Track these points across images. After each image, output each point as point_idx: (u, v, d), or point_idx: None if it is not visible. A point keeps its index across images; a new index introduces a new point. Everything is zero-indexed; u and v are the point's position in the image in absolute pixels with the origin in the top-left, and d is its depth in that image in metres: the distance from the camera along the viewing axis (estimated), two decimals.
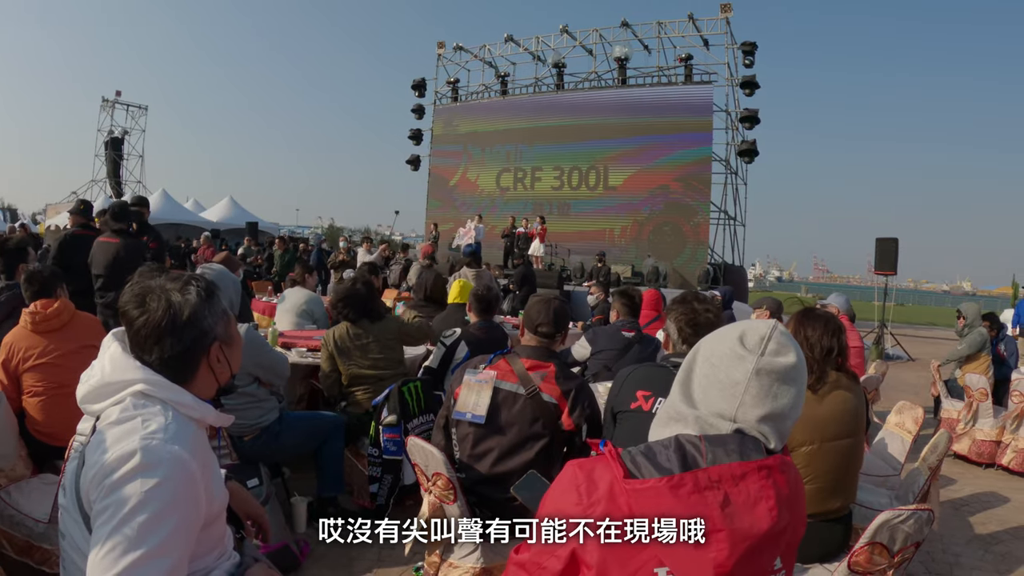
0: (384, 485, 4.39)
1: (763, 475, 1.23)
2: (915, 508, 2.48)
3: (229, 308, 1.86)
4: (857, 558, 2.51)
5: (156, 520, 1.48)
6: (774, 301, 6.06)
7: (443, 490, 2.90)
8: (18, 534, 3.20)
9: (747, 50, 21.32)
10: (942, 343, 18.47)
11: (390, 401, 4.38)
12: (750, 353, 1.33)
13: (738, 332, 1.37)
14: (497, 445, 3.12)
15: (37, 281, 4.05)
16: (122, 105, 41.71)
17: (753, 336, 1.35)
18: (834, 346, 3.13)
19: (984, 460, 6.86)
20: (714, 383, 1.34)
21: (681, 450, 1.27)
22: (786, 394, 1.34)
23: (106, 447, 1.54)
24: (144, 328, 1.69)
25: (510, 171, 25.53)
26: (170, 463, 1.53)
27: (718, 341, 1.39)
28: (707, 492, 1.19)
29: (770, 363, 1.32)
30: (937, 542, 4.78)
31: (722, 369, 1.34)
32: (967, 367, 7.57)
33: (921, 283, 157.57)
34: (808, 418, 2.99)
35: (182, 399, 1.69)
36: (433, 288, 6.36)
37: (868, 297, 26.67)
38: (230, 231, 30.65)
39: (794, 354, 1.36)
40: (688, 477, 1.20)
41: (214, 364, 1.79)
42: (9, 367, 3.86)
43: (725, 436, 1.30)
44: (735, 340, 1.35)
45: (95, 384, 1.69)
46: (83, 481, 1.57)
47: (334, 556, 4.06)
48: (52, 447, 3.83)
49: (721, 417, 1.32)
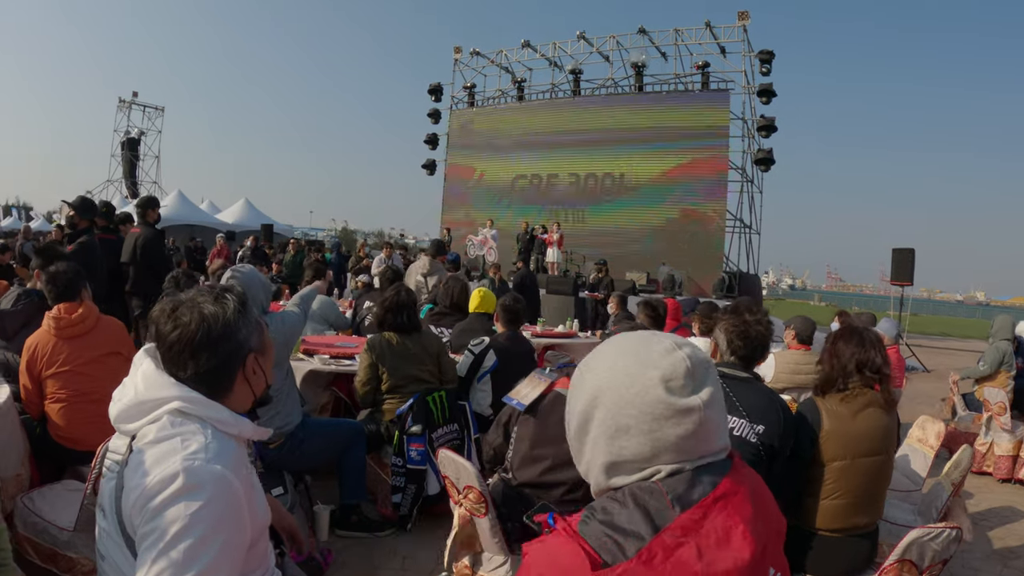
0: (407, 495, 4.40)
1: (722, 506, 1.15)
2: (945, 526, 2.50)
3: (260, 309, 1.83)
4: (886, 575, 2.53)
5: (203, 543, 1.45)
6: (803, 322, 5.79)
7: (475, 503, 2.91)
8: (43, 541, 3.14)
9: (764, 58, 21.31)
10: (957, 354, 18.37)
11: (415, 410, 4.39)
12: (688, 398, 1.18)
13: (656, 380, 1.18)
14: (553, 454, 3.09)
15: (61, 282, 3.96)
16: (139, 106, 42.18)
17: (676, 379, 1.18)
18: (866, 361, 3.12)
19: (1002, 475, 6.83)
20: (661, 448, 1.18)
21: (641, 507, 1.15)
22: (722, 400, 1.24)
23: (146, 469, 1.52)
24: (178, 343, 1.66)
25: (526, 176, 25.59)
26: (214, 484, 1.51)
27: (633, 398, 1.19)
28: (679, 551, 1.09)
29: (710, 397, 1.19)
30: (956, 556, 4.77)
31: (665, 430, 1.17)
32: (986, 381, 7.49)
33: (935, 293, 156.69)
34: (841, 434, 3.02)
35: (220, 416, 1.66)
36: (459, 296, 6.38)
37: (882, 307, 26.58)
38: (245, 233, 30.74)
39: (710, 366, 1.24)
40: (655, 545, 1.09)
41: (250, 376, 1.76)
42: (33, 371, 3.81)
43: (683, 475, 1.19)
44: (660, 392, 1.18)
45: (128, 403, 1.66)
46: (124, 505, 1.54)
47: (357, 564, 4.06)
48: (74, 452, 3.81)
49: (681, 464, 1.19)
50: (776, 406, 3.04)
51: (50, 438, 3.86)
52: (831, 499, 3.02)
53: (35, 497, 3.39)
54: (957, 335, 27.34)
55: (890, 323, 6.89)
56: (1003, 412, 6.91)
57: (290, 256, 16.47)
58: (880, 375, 3.14)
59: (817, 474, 3.04)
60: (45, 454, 3.91)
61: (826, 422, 3.06)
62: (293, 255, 16.41)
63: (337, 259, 17.98)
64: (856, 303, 48.00)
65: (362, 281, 10.55)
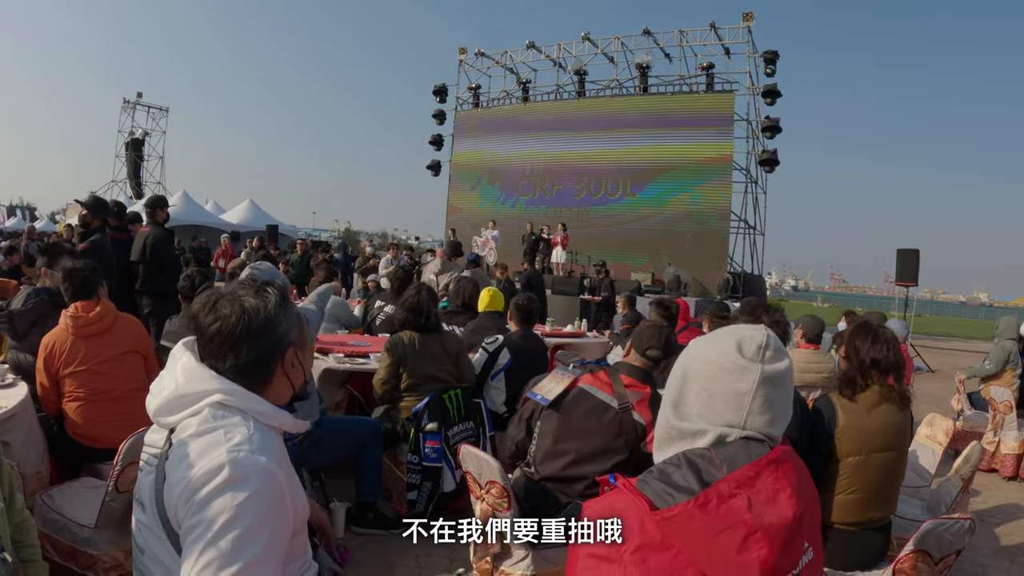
0: (423, 492, 4.43)
1: (773, 468, 1.27)
2: (959, 517, 2.56)
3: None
4: (902, 565, 2.58)
5: (250, 533, 1.45)
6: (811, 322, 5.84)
7: (497, 498, 2.92)
8: (63, 539, 3.14)
9: (769, 59, 21.31)
10: (960, 354, 18.38)
11: (431, 408, 4.43)
12: (751, 363, 1.34)
13: (733, 342, 1.37)
14: (576, 449, 3.13)
15: (78, 279, 3.94)
16: (143, 106, 42.14)
17: (750, 345, 1.36)
18: (880, 359, 3.16)
19: (1008, 473, 6.87)
20: (717, 397, 1.35)
21: (694, 466, 1.28)
22: (787, 395, 1.38)
23: (191, 462, 1.51)
24: (218, 335, 1.65)
25: (530, 178, 25.60)
26: (259, 475, 1.51)
27: (710, 353, 1.39)
28: (732, 500, 1.20)
29: (772, 370, 1.34)
30: (962, 553, 4.81)
31: (724, 381, 1.34)
32: (992, 380, 7.53)
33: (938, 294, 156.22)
34: (856, 429, 3.07)
35: (261, 408, 1.65)
36: (471, 296, 6.42)
37: (886, 308, 26.58)
38: (249, 233, 30.73)
39: (787, 357, 1.39)
40: (711, 492, 1.21)
41: (288, 370, 1.74)
42: (51, 369, 3.81)
43: (733, 443, 1.32)
44: (732, 351, 1.36)
45: (169, 396, 1.63)
46: (168, 498, 1.54)
47: (373, 561, 4.08)
48: (92, 450, 3.83)
49: (730, 427, 1.33)
50: (794, 400, 3.08)
51: (67, 436, 3.86)
52: (846, 494, 3.07)
53: (54, 495, 3.40)
54: (961, 335, 27.32)
55: (899, 323, 6.94)
56: (1009, 411, 6.96)
57: (296, 256, 16.43)
58: (895, 372, 3.18)
59: (833, 469, 3.09)
60: (62, 452, 3.91)
61: (841, 418, 3.10)
62: (300, 255, 16.39)
63: (343, 259, 18.01)
64: (859, 304, 47.83)
65: (372, 281, 10.58)
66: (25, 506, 2.31)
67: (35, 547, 2.30)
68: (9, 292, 6.56)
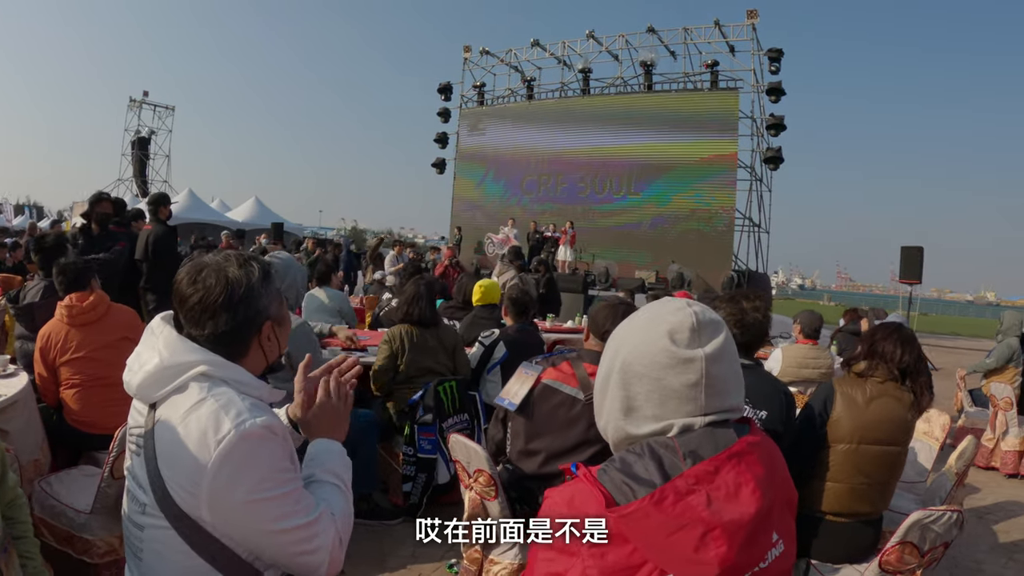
0: (418, 484, 4.46)
1: (735, 462, 1.22)
2: (946, 509, 2.55)
3: (296, 295, 1.84)
4: (888, 557, 2.58)
5: (277, 484, 1.58)
6: (809, 317, 5.83)
7: (485, 486, 2.94)
8: (59, 524, 3.20)
9: (773, 56, 21.29)
10: (966, 353, 18.31)
11: (425, 400, 4.46)
12: (690, 350, 1.27)
13: (663, 334, 1.29)
14: (546, 447, 3.05)
15: (71, 273, 4.04)
16: (149, 105, 42.27)
17: (682, 333, 1.28)
18: (893, 356, 3.14)
19: (1008, 471, 6.86)
20: (669, 395, 1.28)
21: (656, 456, 1.24)
22: (733, 362, 1.32)
23: (194, 436, 1.55)
24: (199, 304, 1.67)
25: (535, 175, 25.58)
26: (264, 435, 1.57)
27: (644, 349, 1.31)
28: (689, 497, 1.17)
29: (713, 350, 1.28)
30: (961, 550, 4.81)
31: (670, 378, 1.28)
32: (993, 377, 7.52)
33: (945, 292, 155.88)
34: (851, 418, 3.06)
35: (242, 378, 1.68)
36: (471, 294, 6.45)
37: (892, 306, 26.53)
38: (255, 231, 30.79)
39: (721, 324, 1.33)
40: (668, 488, 1.17)
41: (264, 342, 1.77)
42: (47, 358, 3.90)
43: (698, 432, 1.27)
44: (667, 344, 1.28)
45: (152, 370, 1.64)
46: (173, 474, 1.57)
47: (368, 552, 4.10)
48: (90, 436, 3.89)
49: (690, 417, 1.28)
50: (779, 392, 3.08)
51: (66, 426, 3.94)
52: (834, 482, 3.05)
53: (52, 481, 3.47)
54: (967, 334, 27.25)
55: (898, 318, 6.93)
56: (1009, 407, 6.95)
57: (309, 256, 16.42)
58: (909, 374, 3.15)
59: (823, 456, 3.08)
60: (61, 441, 4.00)
61: (839, 404, 3.10)
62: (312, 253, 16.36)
63: (347, 257, 18.05)
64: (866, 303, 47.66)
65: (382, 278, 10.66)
66: (18, 484, 2.33)
67: (26, 523, 2.33)
68: (15, 287, 6.61)
